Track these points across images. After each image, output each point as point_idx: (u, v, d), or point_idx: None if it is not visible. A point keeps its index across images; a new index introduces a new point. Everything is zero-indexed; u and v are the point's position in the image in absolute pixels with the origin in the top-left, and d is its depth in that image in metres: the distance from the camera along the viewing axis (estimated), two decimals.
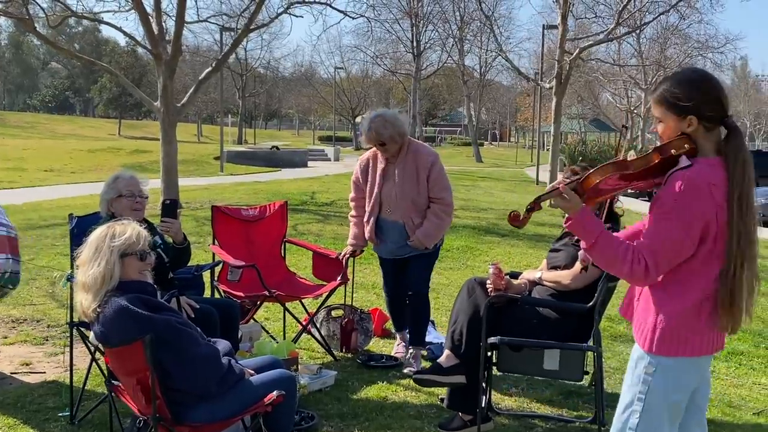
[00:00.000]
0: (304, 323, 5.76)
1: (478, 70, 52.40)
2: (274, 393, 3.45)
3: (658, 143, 2.71)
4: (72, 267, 4.56)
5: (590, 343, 4.22)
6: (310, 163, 38.20)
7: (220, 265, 5.64)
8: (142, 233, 3.47)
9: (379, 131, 5.35)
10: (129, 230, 3.42)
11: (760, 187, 25.12)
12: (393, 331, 6.40)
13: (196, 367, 3.39)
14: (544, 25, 31.15)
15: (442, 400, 4.88)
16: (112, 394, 3.70)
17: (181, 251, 4.61)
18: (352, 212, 5.81)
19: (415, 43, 37.33)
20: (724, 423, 4.78)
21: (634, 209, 14.90)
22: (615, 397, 4.94)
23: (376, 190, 5.52)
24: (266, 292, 5.34)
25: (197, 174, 29.00)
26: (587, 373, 4.54)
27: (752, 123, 71.64)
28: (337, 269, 5.77)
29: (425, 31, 37.97)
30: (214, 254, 5.79)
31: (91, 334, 3.56)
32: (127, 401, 3.56)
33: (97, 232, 3.43)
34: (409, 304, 5.65)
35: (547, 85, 20.10)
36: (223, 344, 3.72)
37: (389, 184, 5.48)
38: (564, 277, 4.29)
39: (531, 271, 4.61)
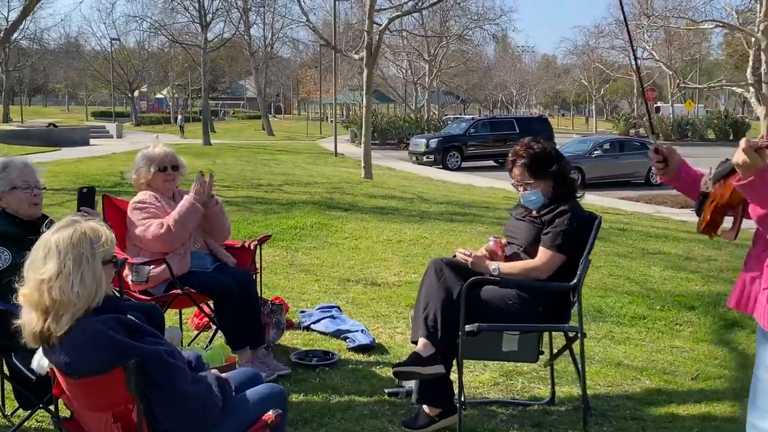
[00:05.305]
0: (208, 319, 5.15)
1: (263, 42, 51.48)
2: (271, 413, 2.94)
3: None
4: None
5: (571, 324, 4.04)
6: (91, 141, 35.85)
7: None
8: (112, 234, 2.79)
9: (173, 154, 4.98)
10: (102, 230, 2.71)
11: None
12: (296, 322, 5.93)
13: (188, 408, 2.75)
14: None
15: (390, 394, 4.53)
16: None
17: None
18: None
19: (202, 13, 35.73)
20: (669, 391, 4.79)
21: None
22: (562, 375, 4.87)
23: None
24: (178, 291, 4.68)
25: None
26: (542, 353, 4.36)
27: (518, 92, 76.08)
28: (244, 258, 5.20)
29: (212, 0, 36.49)
30: None
31: (36, 359, 2.83)
32: None
33: (67, 235, 2.62)
34: (244, 301, 4.81)
35: (356, 57, 19.95)
36: (195, 359, 3.14)
37: None
38: (536, 268, 3.99)
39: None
